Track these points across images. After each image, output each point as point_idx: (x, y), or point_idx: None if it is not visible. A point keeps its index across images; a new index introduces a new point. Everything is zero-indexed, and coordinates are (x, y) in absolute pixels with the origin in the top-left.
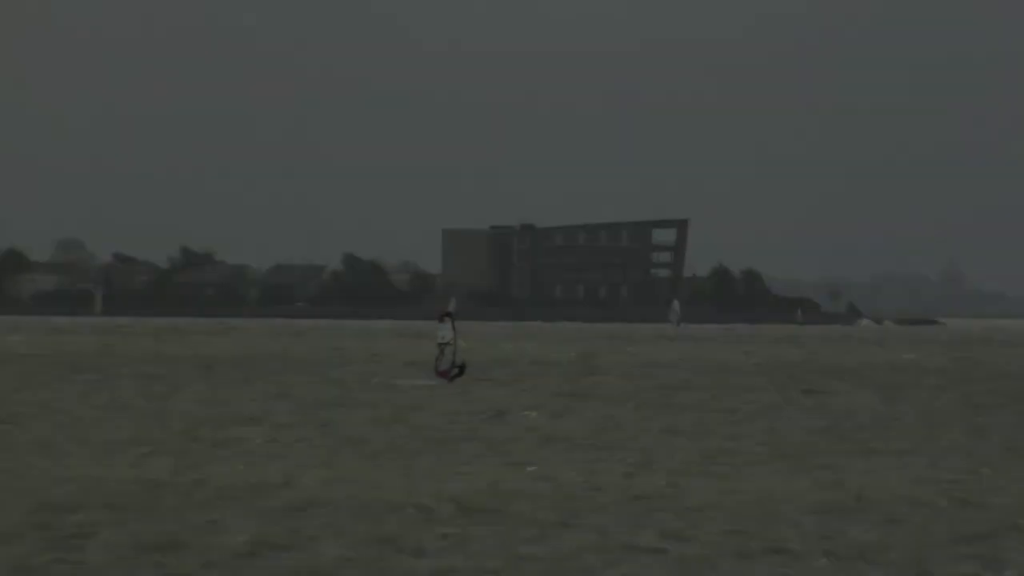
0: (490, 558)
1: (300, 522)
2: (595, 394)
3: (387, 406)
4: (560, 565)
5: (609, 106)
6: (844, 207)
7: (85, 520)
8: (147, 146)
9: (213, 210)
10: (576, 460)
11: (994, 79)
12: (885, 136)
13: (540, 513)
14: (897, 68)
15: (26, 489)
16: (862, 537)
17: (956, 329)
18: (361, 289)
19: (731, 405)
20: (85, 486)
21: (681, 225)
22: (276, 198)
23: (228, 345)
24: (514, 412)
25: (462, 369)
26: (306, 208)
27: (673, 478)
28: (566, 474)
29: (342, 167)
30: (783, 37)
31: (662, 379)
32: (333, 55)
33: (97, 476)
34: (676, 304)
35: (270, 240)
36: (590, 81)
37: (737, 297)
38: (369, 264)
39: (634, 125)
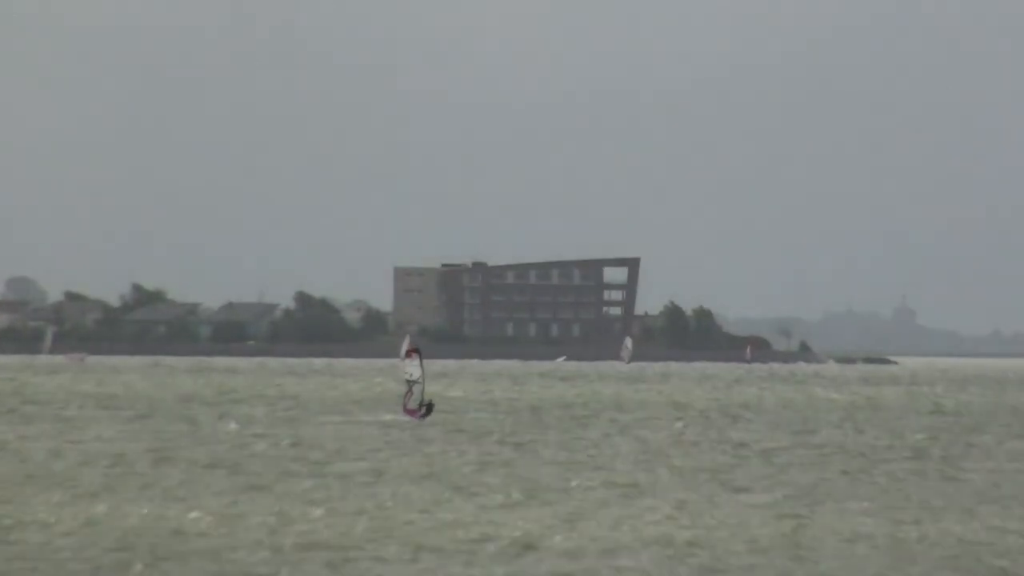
0: None
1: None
2: (480, 431)
3: (283, 446)
4: None
5: (560, 144)
6: (797, 245)
7: None
8: (99, 182)
9: (165, 248)
10: (424, 499)
11: (948, 121)
12: (838, 175)
13: (365, 551)
14: (849, 109)
15: None
16: None
17: (890, 369)
18: (313, 327)
19: (609, 444)
20: None
21: (633, 263)
22: (228, 236)
23: (148, 383)
24: (393, 450)
25: (430, 408)
26: (258, 246)
27: (515, 517)
28: (408, 513)
29: (293, 205)
30: (733, 78)
31: (560, 417)
32: (287, 92)
33: None
34: (628, 342)
35: (222, 278)
36: (540, 120)
37: (689, 335)
38: (320, 302)
39: (585, 163)
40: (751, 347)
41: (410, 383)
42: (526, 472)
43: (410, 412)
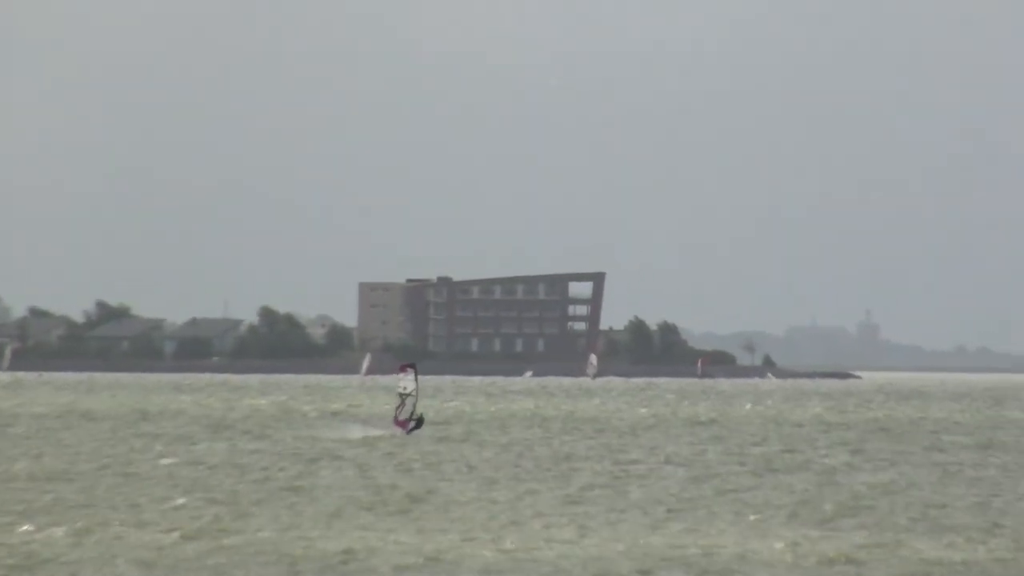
0: None
1: None
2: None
3: (164, 465)
4: None
5: (525, 159)
6: (762, 261)
7: None
8: (63, 199)
9: (130, 264)
10: (300, 515)
11: (913, 139)
12: (802, 192)
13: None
14: (813, 126)
15: None
16: None
17: (830, 384)
18: (277, 343)
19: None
20: None
21: (598, 278)
22: (193, 252)
23: (77, 400)
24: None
25: (420, 422)
26: (222, 261)
27: (401, 531)
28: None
29: (258, 220)
30: (698, 94)
31: (464, 431)
32: (252, 109)
33: None
34: (593, 358)
35: (186, 294)
36: (505, 136)
37: (654, 350)
38: (285, 318)
39: (551, 179)
40: (702, 362)
41: (403, 396)
42: (415, 486)
43: (400, 424)
